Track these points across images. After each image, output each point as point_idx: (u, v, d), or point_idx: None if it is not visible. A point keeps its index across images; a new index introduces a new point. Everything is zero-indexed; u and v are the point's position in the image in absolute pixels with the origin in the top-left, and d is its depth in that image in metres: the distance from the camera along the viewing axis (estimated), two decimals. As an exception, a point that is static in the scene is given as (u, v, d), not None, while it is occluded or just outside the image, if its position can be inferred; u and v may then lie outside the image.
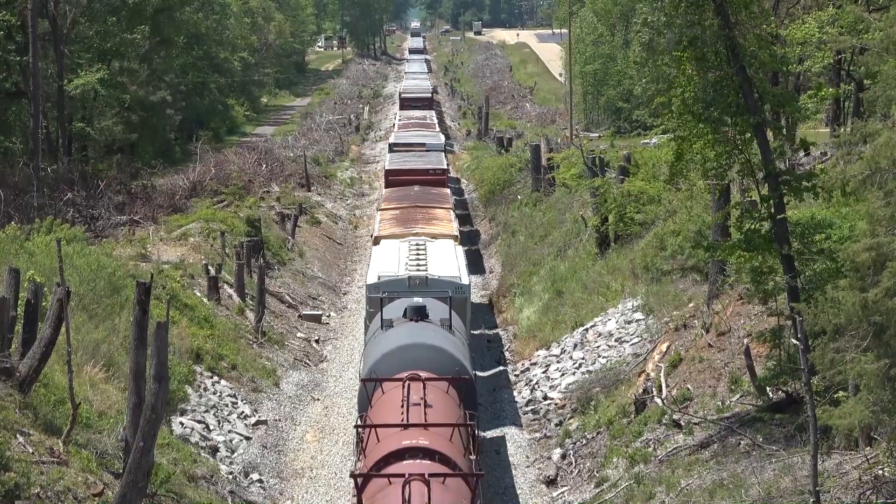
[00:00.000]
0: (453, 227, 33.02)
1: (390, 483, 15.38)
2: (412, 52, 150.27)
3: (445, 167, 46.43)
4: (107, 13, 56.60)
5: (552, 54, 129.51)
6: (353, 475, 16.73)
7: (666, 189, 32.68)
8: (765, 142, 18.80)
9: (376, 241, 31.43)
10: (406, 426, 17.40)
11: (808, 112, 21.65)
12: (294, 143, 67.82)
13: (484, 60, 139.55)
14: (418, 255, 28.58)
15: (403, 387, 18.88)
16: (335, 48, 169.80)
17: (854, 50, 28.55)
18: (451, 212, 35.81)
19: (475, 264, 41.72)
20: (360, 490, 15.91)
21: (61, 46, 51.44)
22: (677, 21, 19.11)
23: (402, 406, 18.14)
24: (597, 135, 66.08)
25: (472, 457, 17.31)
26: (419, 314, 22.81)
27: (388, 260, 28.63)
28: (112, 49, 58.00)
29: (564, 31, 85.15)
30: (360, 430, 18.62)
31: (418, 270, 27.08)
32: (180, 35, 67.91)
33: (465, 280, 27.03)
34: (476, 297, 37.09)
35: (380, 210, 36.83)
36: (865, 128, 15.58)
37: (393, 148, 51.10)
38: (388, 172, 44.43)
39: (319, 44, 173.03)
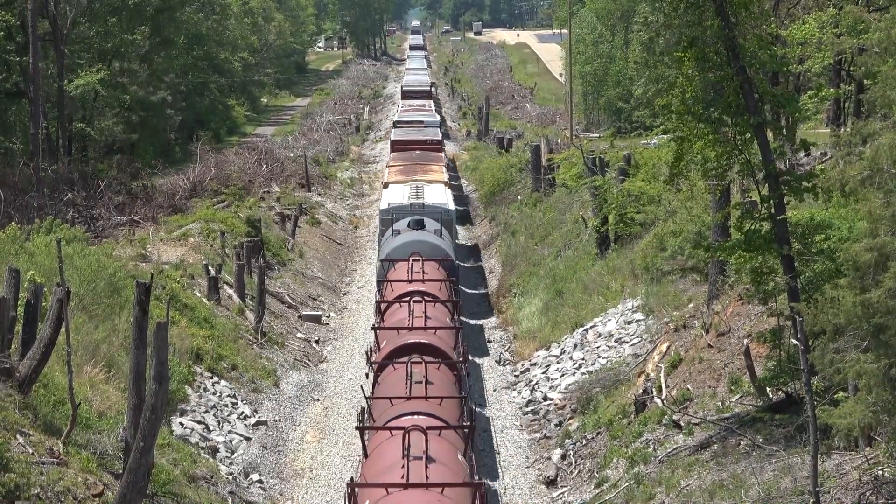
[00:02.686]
0: (444, 176, 43.10)
1: (401, 306, 25.46)
2: (412, 48, 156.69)
3: (440, 139, 55.49)
4: (107, 13, 56.63)
5: (552, 54, 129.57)
6: (377, 302, 27.07)
7: (666, 189, 32.67)
8: (765, 142, 18.79)
9: (385, 185, 41.53)
10: (410, 281, 27.53)
11: (808, 112, 21.62)
12: (294, 143, 67.84)
13: (484, 61, 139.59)
14: (417, 191, 38.31)
15: (408, 262, 29.04)
16: (335, 48, 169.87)
17: (854, 50, 28.50)
18: (444, 167, 45.93)
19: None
20: (382, 312, 26.02)
21: (61, 46, 51.47)
22: (675, 22, 19.09)
23: (408, 272, 28.24)
24: (597, 135, 66.08)
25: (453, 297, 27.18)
26: (419, 224, 33.08)
27: (395, 195, 38.10)
28: (112, 49, 58.05)
29: (564, 31, 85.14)
30: (379, 284, 29.25)
31: (417, 199, 36.85)
32: (180, 35, 67.95)
33: (451, 206, 37.43)
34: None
35: (388, 166, 46.67)
36: (865, 128, 15.56)
37: (396, 124, 60.85)
38: (394, 142, 53.84)
39: (320, 44, 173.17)
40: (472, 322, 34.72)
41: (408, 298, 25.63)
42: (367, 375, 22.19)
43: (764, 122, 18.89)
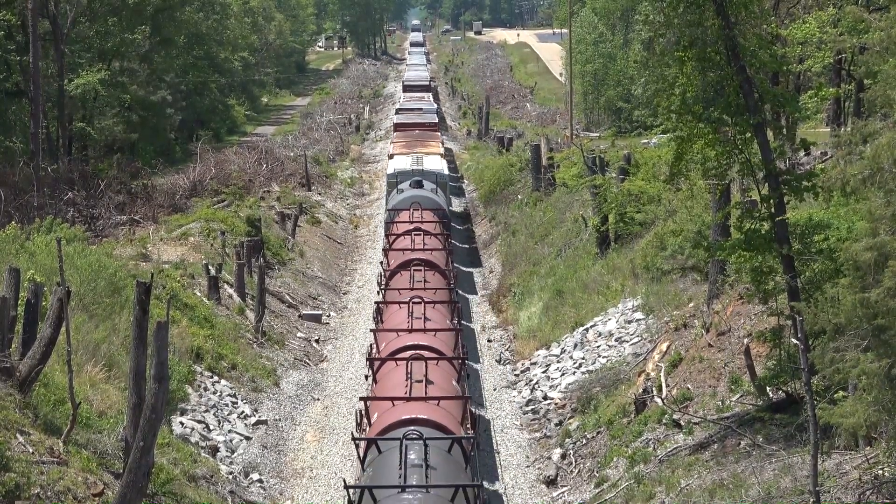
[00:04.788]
0: (440, 150, 51.25)
1: (404, 238, 32.49)
2: (413, 44, 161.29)
3: (436, 121, 64.20)
4: (107, 13, 56.63)
5: (552, 54, 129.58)
6: (386, 235, 34.64)
7: (666, 189, 32.68)
8: (765, 142, 18.78)
9: (391, 156, 48.81)
10: (412, 222, 34.37)
11: (808, 112, 21.64)
12: (294, 142, 67.83)
13: (484, 60, 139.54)
14: (418, 159, 45.78)
15: (409, 210, 36.33)
16: (335, 48, 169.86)
17: (854, 50, 28.50)
18: (440, 143, 54.12)
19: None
20: (390, 243, 32.63)
21: (62, 46, 51.48)
22: (675, 21, 19.09)
23: (409, 217, 35.39)
24: (597, 135, 66.09)
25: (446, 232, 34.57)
26: (418, 184, 40.40)
27: (399, 163, 45.36)
28: (112, 49, 58.09)
29: (565, 31, 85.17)
30: (386, 226, 36.87)
31: (418, 166, 44.23)
32: (181, 35, 67.97)
33: (445, 171, 45.49)
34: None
35: (393, 142, 54.37)
36: (866, 128, 15.54)
37: (399, 111, 69.24)
38: (397, 125, 61.66)
39: (320, 43, 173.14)
40: (464, 269, 41.85)
41: (409, 234, 32.77)
42: (378, 287, 29.87)
43: (764, 121, 18.88)
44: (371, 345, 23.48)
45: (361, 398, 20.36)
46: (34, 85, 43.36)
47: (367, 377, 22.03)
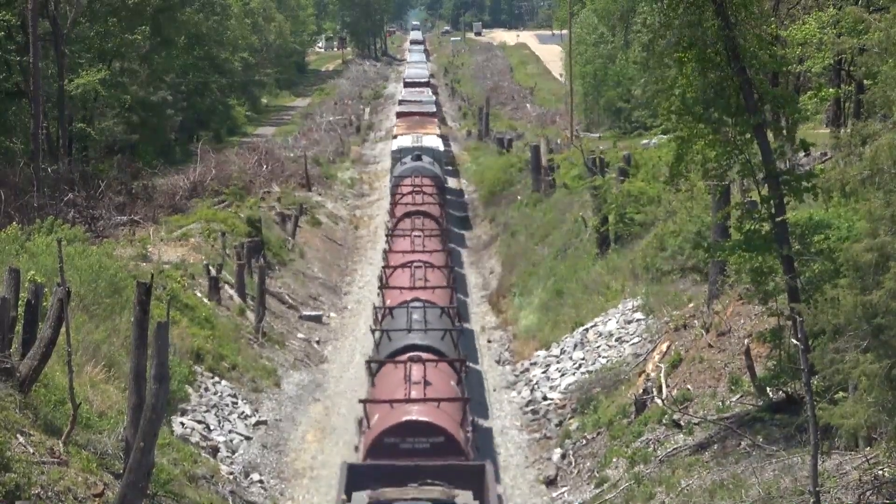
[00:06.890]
0: (437, 131, 60.13)
1: (405, 194, 41.46)
2: (413, 42, 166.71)
3: (434, 110, 73.46)
4: (107, 13, 56.57)
5: (552, 55, 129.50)
6: (392, 194, 43.90)
7: (666, 190, 32.69)
8: (765, 142, 18.79)
9: (395, 136, 57.68)
10: (413, 186, 42.09)
11: (808, 113, 21.60)
12: (294, 143, 67.83)
13: (484, 61, 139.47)
14: (418, 138, 54.45)
15: (412, 177, 44.03)
16: (336, 49, 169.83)
17: (854, 50, 28.49)
18: (437, 126, 63.04)
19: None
20: (396, 201, 41.21)
21: (62, 46, 51.40)
22: (675, 22, 19.09)
23: (411, 182, 43.25)
24: (597, 135, 66.09)
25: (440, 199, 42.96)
26: (419, 158, 48.71)
27: (403, 141, 54.00)
28: (112, 49, 58.00)
29: (564, 32, 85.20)
30: (392, 188, 45.31)
31: (418, 143, 52.85)
32: (181, 35, 67.92)
33: (441, 148, 54.54)
34: None
35: (396, 126, 63.09)
36: (865, 129, 15.55)
37: (401, 102, 77.33)
38: (399, 113, 70.23)
39: (320, 44, 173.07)
40: (456, 230, 48.37)
41: (412, 192, 41.12)
42: (385, 233, 37.17)
43: (764, 122, 18.88)
44: (383, 267, 31.23)
45: (379, 287, 29.58)
46: (34, 85, 43.32)
47: (378, 293, 29.32)
